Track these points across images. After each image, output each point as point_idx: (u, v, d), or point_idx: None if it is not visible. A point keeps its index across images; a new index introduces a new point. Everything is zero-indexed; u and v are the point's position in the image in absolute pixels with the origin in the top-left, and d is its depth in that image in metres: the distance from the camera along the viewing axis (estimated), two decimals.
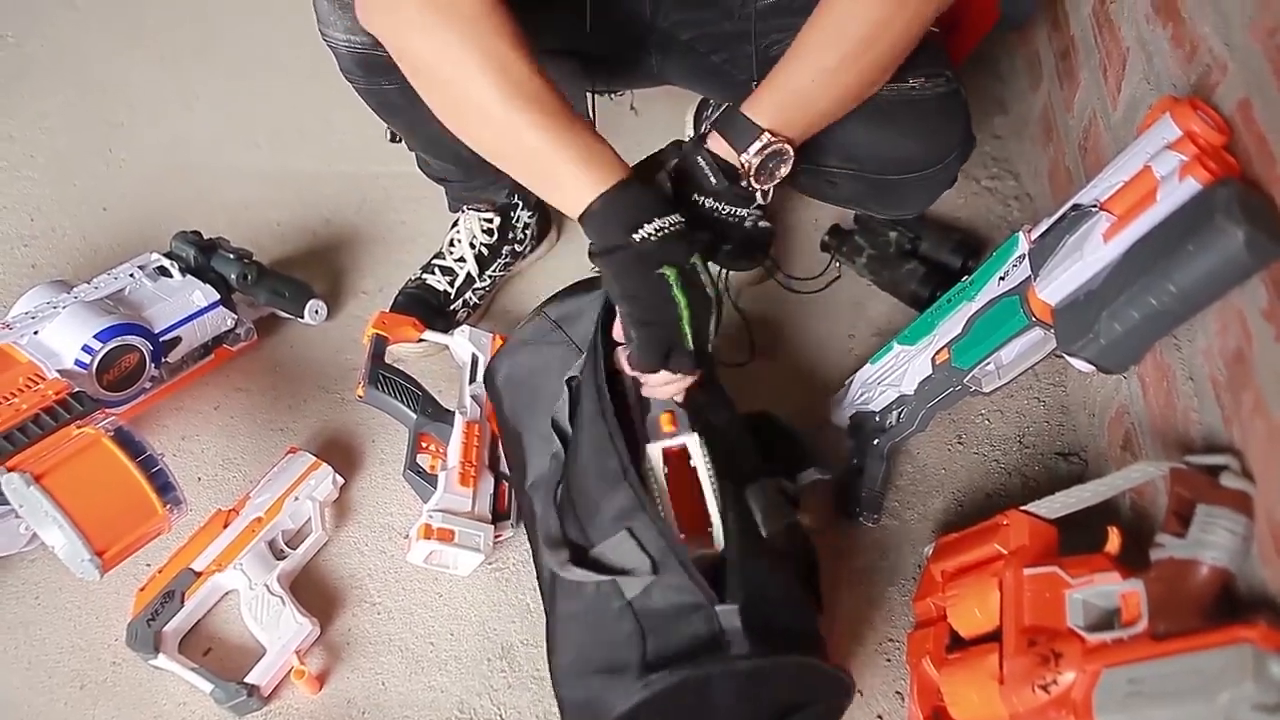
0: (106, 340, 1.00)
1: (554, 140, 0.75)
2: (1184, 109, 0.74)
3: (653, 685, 0.70)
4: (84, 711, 0.94)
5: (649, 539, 0.76)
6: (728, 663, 0.71)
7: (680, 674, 0.71)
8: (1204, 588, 0.67)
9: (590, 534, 0.80)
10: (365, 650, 0.97)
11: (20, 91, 1.65)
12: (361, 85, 0.99)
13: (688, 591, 0.74)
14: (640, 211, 0.75)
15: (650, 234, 0.74)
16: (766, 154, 0.81)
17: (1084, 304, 0.78)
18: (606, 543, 0.78)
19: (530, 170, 0.79)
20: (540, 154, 0.76)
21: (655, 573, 0.75)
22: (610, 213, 0.75)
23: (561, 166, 0.76)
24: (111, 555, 0.86)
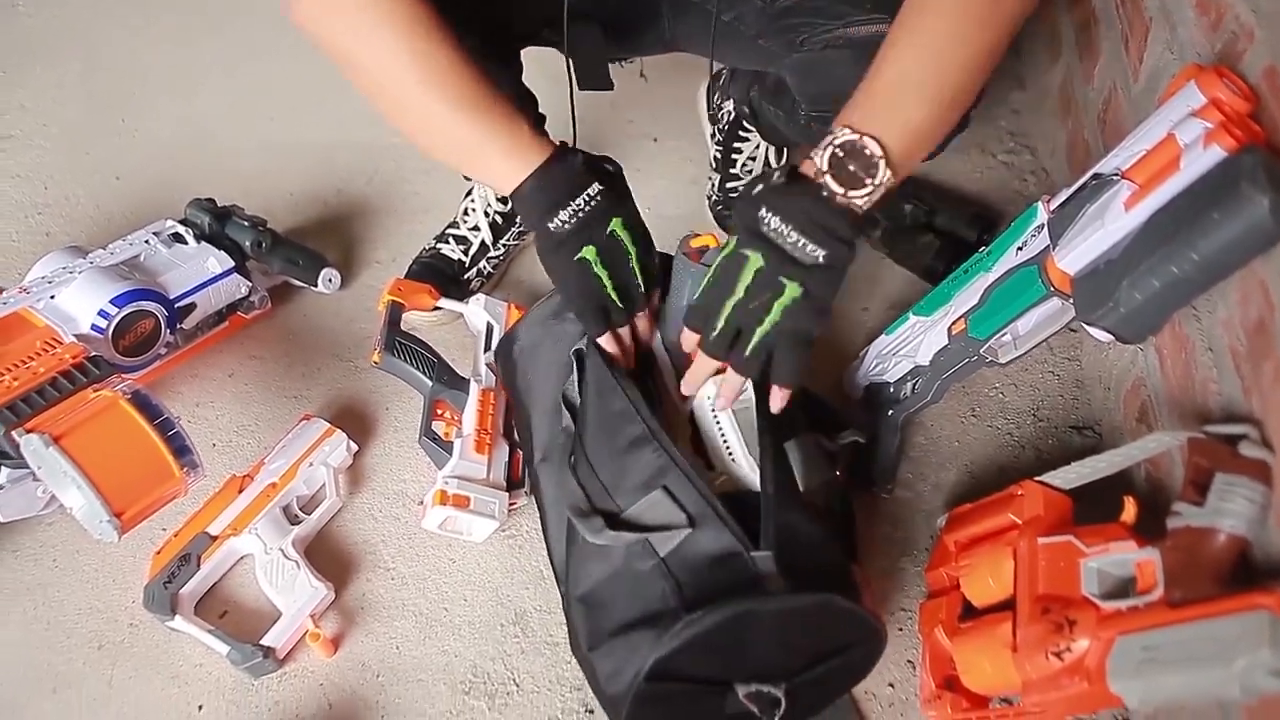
0: (122, 305, 1.00)
1: (477, 132, 0.77)
2: (1209, 76, 0.73)
3: (693, 625, 0.70)
4: (102, 672, 0.95)
5: (684, 494, 0.76)
6: (765, 600, 0.71)
7: (719, 612, 0.70)
8: (1221, 556, 0.67)
9: (618, 500, 0.80)
10: (379, 614, 0.98)
11: (33, 61, 1.65)
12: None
13: (724, 540, 0.74)
14: (557, 195, 0.78)
15: (565, 220, 0.78)
16: (837, 148, 0.71)
17: (1104, 273, 0.78)
18: (640, 504, 0.77)
19: (459, 159, 0.82)
20: (467, 147, 0.78)
21: (692, 526, 0.75)
22: (533, 198, 0.78)
23: (486, 158, 0.78)
24: (129, 517, 0.86)
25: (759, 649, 0.74)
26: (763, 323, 0.74)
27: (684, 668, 0.72)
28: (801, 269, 0.71)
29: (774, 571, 0.72)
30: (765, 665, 0.75)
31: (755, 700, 0.75)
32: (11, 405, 0.87)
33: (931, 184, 1.31)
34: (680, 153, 1.40)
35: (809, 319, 0.74)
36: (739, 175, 1.27)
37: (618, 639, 0.76)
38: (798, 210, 0.71)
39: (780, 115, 1.13)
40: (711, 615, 0.70)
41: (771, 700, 0.75)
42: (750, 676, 0.75)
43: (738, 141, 1.26)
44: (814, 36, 0.92)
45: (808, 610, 0.73)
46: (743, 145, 1.26)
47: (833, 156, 0.71)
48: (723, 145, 1.28)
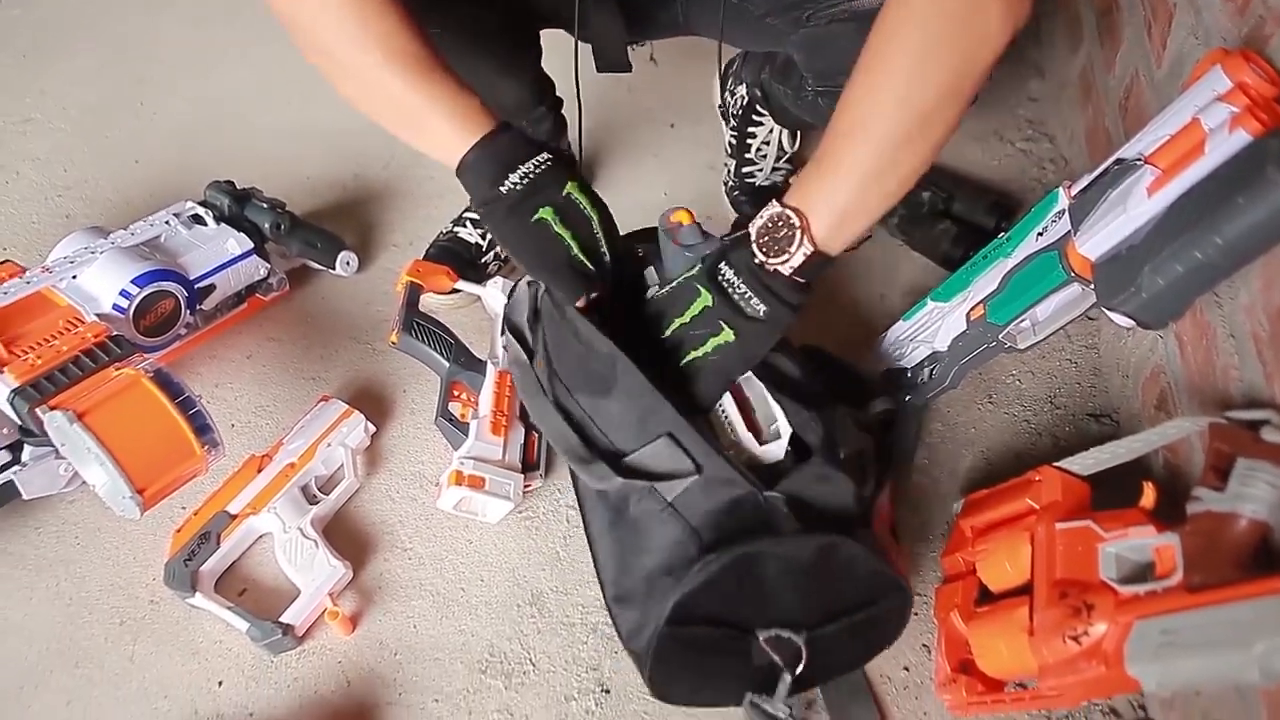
0: (143, 285, 1.01)
1: (420, 96, 0.76)
2: (1235, 60, 0.73)
3: (709, 565, 0.73)
4: (123, 647, 0.96)
5: (690, 441, 0.77)
6: (777, 540, 0.74)
7: (731, 551, 0.73)
8: (1242, 541, 0.67)
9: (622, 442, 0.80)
10: (397, 594, 0.98)
11: (53, 46, 1.66)
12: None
13: (733, 483, 0.76)
14: (505, 161, 0.77)
15: (516, 182, 0.76)
16: (768, 218, 0.76)
17: (1125, 258, 0.77)
18: (643, 450, 0.78)
19: (403, 127, 0.80)
20: (409, 111, 0.77)
21: (699, 472, 0.76)
22: (479, 167, 0.77)
23: (430, 122, 0.77)
24: (151, 494, 0.87)
25: (778, 597, 0.76)
26: (697, 350, 0.79)
27: (706, 610, 0.75)
28: (742, 318, 0.77)
29: (785, 512, 0.74)
30: (786, 613, 0.77)
31: (776, 647, 0.77)
32: (35, 383, 0.88)
33: (949, 171, 1.30)
34: (696, 139, 1.40)
35: (735, 362, 0.80)
36: (754, 160, 1.27)
37: (637, 588, 0.78)
38: (745, 266, 0.77)
39: (789, 94, 1.13)
40: (725, 555, 0.73)
41: (792, 648, 0.77)
42: (771, 623, 0.77)
43: (752, 126, 1.26)
44: (820, 11, 0.93)
45: (818, 554, 0.75)
46: (756, 130, 1.25)
47: (763, 225, 0.76)
48: (737, 131, 1.27)
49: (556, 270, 0.79)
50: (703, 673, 0.82)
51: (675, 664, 0.79)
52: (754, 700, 0.80)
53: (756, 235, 0.77)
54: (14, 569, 1.02)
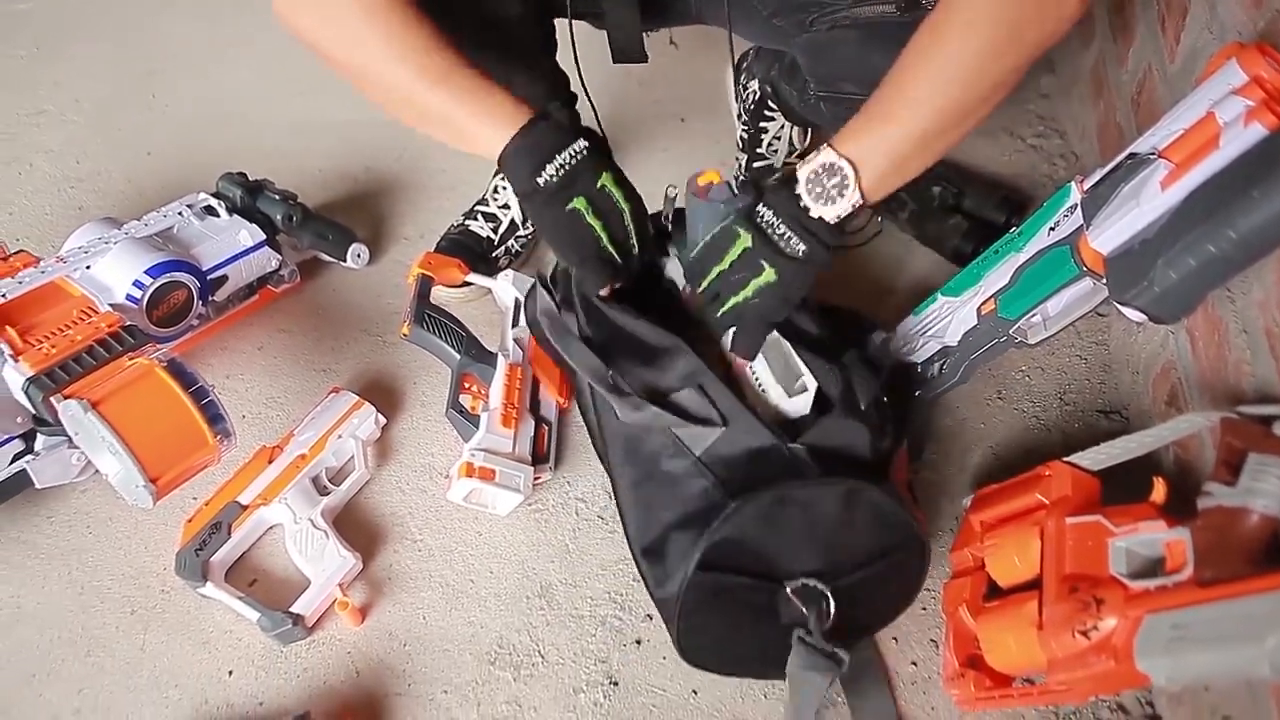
0: (157, 276, 1.01)
1: (454, 105, 0.78)
2: (1251, 54, 0.72)
3: (737, 510, 0.76)
4: (135, 636, 0.96)
5: (718, 394, 0.81)
6: (802, 484, 0.77)
7: (759, 496, 0.76)
8: (1253, 535, 0.66)
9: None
10: (406, 585, 0.99)
11: (65, 38, 1.67)
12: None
13: (758, 435, 0.79)
14: (543, 152, 0.78)
15: (553, 174, 0.78)
16: (818, 165, 0.77)
17: (1138, 253, 0.77)
18: (676, 395, 0.82)
19: (445, 134, 0.82)
20: (446, 119, 0.80)
21: (725, 425, 0.79)
22: (518, 159, 0.79)
23: (468, 126, 0.79)
24: (164, 483, 0.87)
25: (802, 546, 0.79)
26: (737, 295, 0.81)
27: (734, 557, 0.78)
28: (782, 258, 0.79)
29: (808, 460, 0.77)
30: (811, 562, 0.80)
31: (803, 596, 0.79)
32: (49, 372, 0.89)
33: (960, 166, 1.30)
34: (707, 132, 1.40)
35: (777, 303, 0.81)
36: (765, 155, 1.27)
37: (665, 540, 0.81)
38: (784, 207, 0.79)
39: (794, 94, 1.14)
40: (753, 498, 0.76)
41: (818, 594, 0.79)
42: (797, 573, 0.80)
43: (763, 121, 1.26)
44: (823, 17, 0.93)
45: (844, 500, 0.78)
46: (768, 125, 1.25)
47: (812, 172, 0.77)
48: (749, 125, 1.27)
49: (585, 259, 0.83)
50: (731, 627, 0.83)
51: (704, 615, 0.80)
52: (800, 635, 0.80)
53: (806, 181, 0.77)
54: (26, 557, 1.03)
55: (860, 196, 0.76)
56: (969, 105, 0.75)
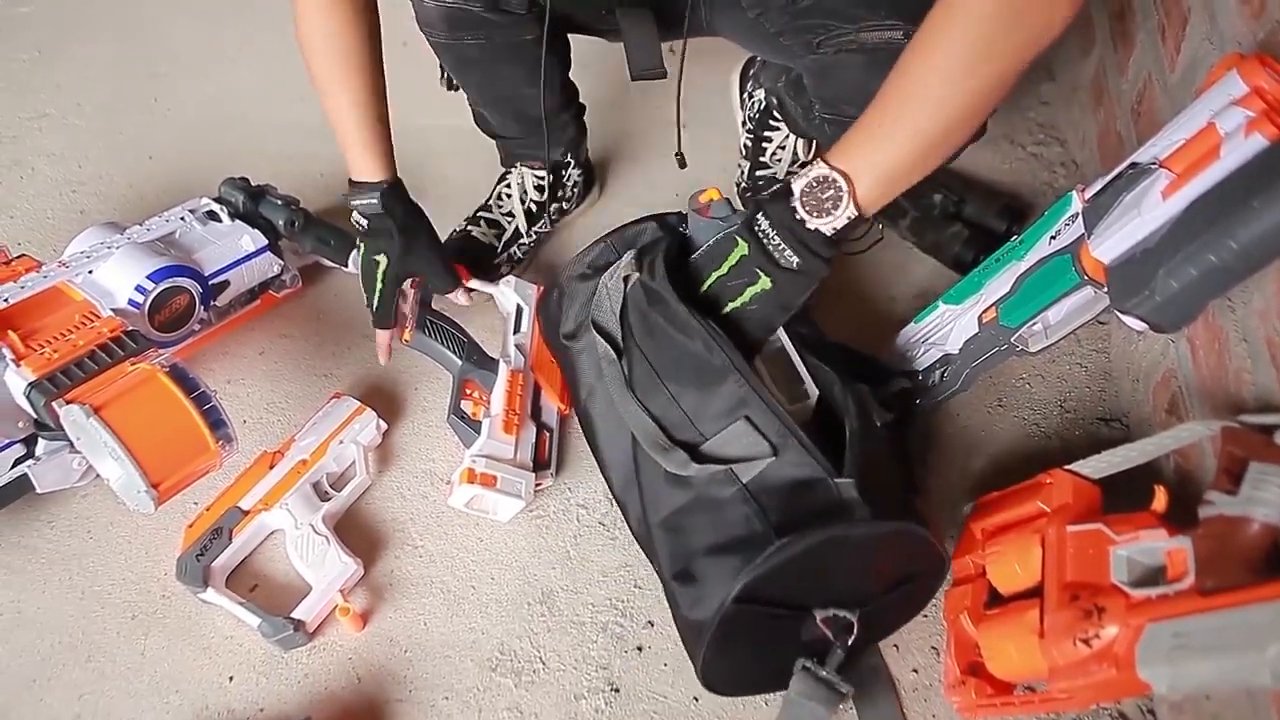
0: (159, 281, 1.01)
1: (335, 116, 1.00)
2: (1252, 64, 0.73)
3: (785, 549, 0.74)
4: (135, 641, 0.96)
5: (766, 424, 0.80)
6: (854, 525, 0.75)
7: (811, 537, 0.74)
8: (1254, 544, 0.67)
9: (701, 428, 0.83)
10: (407, 591, 0.99)
11: (67, 41, 1.67)
12: (442, 40, 1.01)
13: (807, 467, 0.78)
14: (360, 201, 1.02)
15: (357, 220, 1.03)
16: (813, 178, 0.77)
17: (1139, 261, 0.78)
18: (721, 435, 0.81)
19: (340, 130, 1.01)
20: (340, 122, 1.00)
21: (775, 455, 0.79)
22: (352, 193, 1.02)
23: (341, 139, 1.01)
24: (166, 488, 0.87)
25: (841, 575, 0.79)
26: (735, 300, 0.83)
27: (770, 591, 0.77)
28: (776, 269, 0.81)
29: (857, 498, 0.76)
30: (843, 591, 0.80)
31: (831, 625, 0.79)
32: (51, 376, 0.89)
33: (960, 174, 1.30)
34: (708, 141, 1.40)
35: (773, 310, 0.83)
36: (768, 164, 1.28)
37: (701, 564, 0.80)
38: (780, 219, 0.80)
39: (800, 110, 1.14)
40: (804, 540, 0.74)
41: (846, 624, 0.79)
42: (829, 602, 0.79)
43: (768, 130, 1.26)
44: (829, 39, 0.93)
45: (889, 537, 0.78)
46: (773, 134, 1.26)
47: (807, 185, 0.78)
48: (753, 134, 1.28)
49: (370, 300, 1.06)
50: (752, 652, 0.82)
51: (733, 643, 0.80)
52: (806, 665, 0.80)
53: (800, 194, 0.78)
54: (27, 562, 1.03)
55: (855, 209, 0.77)
56: (960, 118, 0.75)
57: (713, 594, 0.77)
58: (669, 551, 0.85)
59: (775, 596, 0.77)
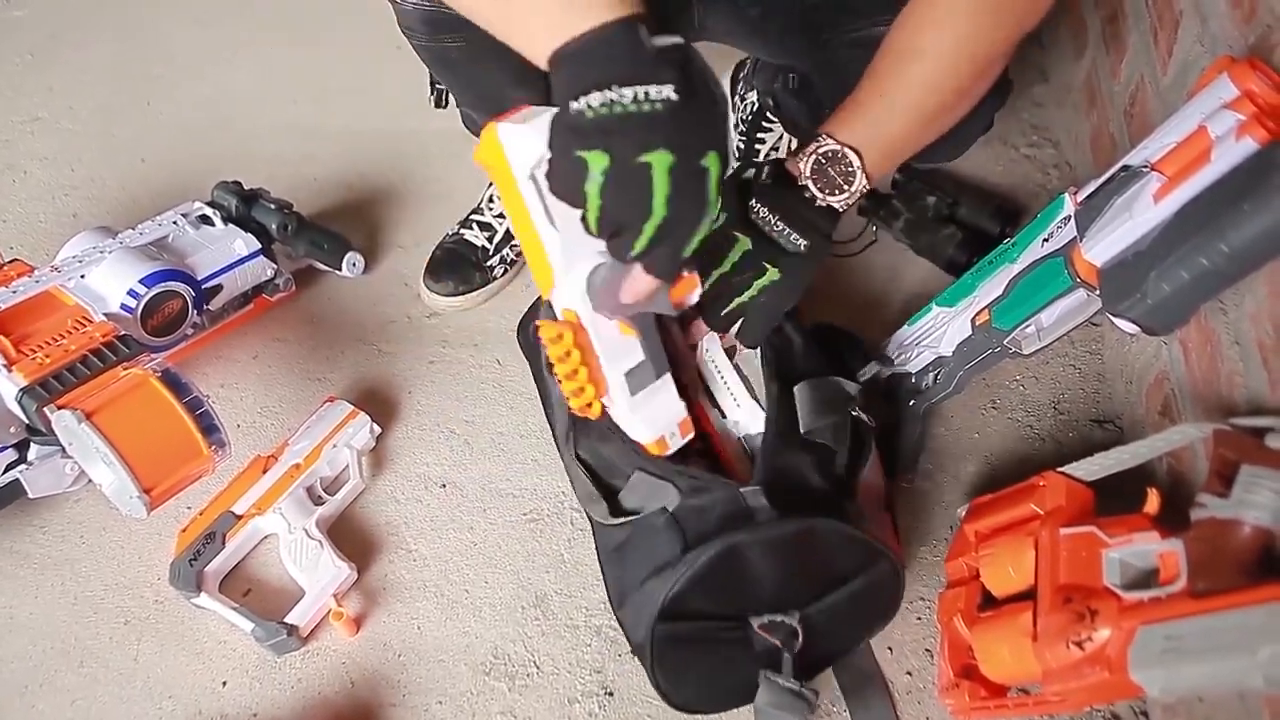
0: (151, 285, 1.01)
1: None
2: (1242, 68, 0.73)
3: (689, 563, 0.75)
4: (128, 647, 0.96)
5: (658, 467, 0.80)
6: (752, 529, 0.76)
7: (710, 547, 0.75)
8: (1246, 547, 0.67)
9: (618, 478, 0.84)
10: (401, 595, 0.99)
11: (60, 44, 1.66)
12: (423, 42, 1.00)
13: (716, 485, 0.79)
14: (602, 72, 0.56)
15: (589, 106, 0.55)
16: (821, 155, 0.77)
17: (1131, 264, 0.78)
18: (626, 487, 0.82)
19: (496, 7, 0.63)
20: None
21: (680, 490, 0.79)
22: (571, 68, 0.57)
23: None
24: (158, 493, 0.87)
25: (764, 581, 0.78)
26: (741, 295, 0.81)
27: (695, 605, 0.77)
28: (783, 255, 0.79)
29: (764, 504, 0.76)
30: (775, 597, 0.79)
31: (772, 631, 0.79)
32: (43, 382, 0.89)
33: (954, 176, 1.31)
34: None
35: (783, 297, 0.81)
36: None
37: (637, 592, 0.80)
38: (782, 204, 0.78)
39: (804, 110, 1.13)
40: (705, 550, 0.75)
41: (788, 630, 0.79)
42: (763, 608, 0.80)
43: (761, 132, 1.26)
44: (838, 35, 0.93)
45: (797, 536, 0.77)
46: (766, 136, 1.26)
47: (816, 163, 0.78)
48: (746, 136, 1.28)
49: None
50: (708, 667, 0.83)
51: (677, 661, 0.80)
52: (767, 675, 0.80)
53: (810, 172, 0.78)
54: (19, 568, 1.02)
55: (866, 181, 0.77)
56: (963, 83, 0.76)
57: (644, 617, 0.79)
58: (612, 582, 0.86)
59: (704, 610, 0.78)
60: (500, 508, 1.04)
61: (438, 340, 1.20)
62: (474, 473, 1.07)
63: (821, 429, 0.83)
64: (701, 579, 0.76)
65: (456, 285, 1.20)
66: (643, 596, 0.79)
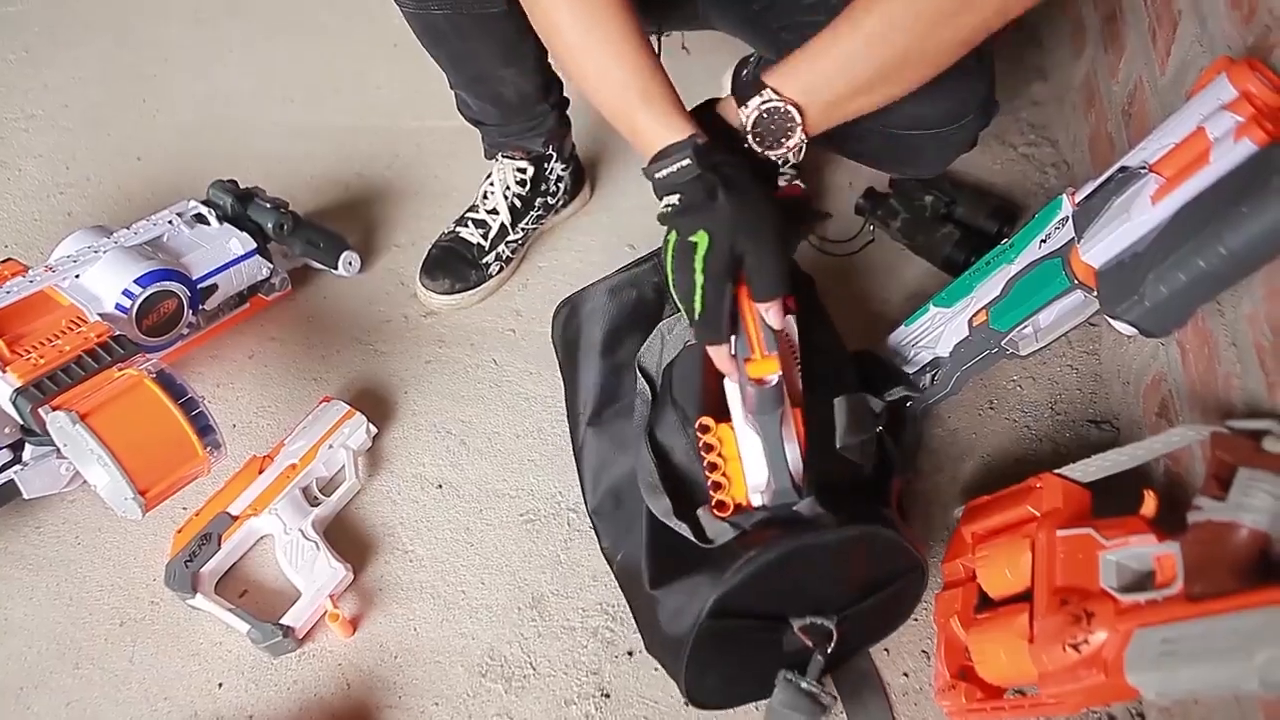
0: (146, 285, 1.01)
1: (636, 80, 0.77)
2: (1241, 69, 0.73)
3: (752, 561, 0.75)
4: (124, 648, 0.96)
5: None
6: (819, 534, 0.77)
7: (777, 548, 0.76)
8: (1242, 551, 0.66)
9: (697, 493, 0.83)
10: (397, 596, 0.98)
11: (56, 41, 1.66)
12: (411, 9, 0.98)
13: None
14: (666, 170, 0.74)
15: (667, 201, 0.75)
16: (763, 110, 0.77)
17: (1129, 266, 0.77)
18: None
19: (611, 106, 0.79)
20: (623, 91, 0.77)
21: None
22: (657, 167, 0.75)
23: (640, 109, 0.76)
24: (154, 495, 0.87)
25: (813, 584, 0.79)
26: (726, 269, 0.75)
27: (743, 604, 0.77)
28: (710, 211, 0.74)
29: (820, 511, 0.77)
30: (819, 599, 0.80)
31: (809, 633, 0.80)
32: (38, 383, 0.88)
33: (952, 175, 1.30)
34: None
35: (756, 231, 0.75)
36: None
37: (679, 581, 0.80)
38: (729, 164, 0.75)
39: None
40: (769, 551, 0.75)
41: (824, 632, 0.80)
42: (804, 610, 0.80)
43: None
44: None
45: (856, 542, 0.78)
46: None
47: (758, 117, 0.77)
48: None
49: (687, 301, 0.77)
50: (734, 666, 0.83)
51: (708, 658, 0.80)
52: (787, 677, 0.81)
53: (752, 125, 0.78)
54: (14, 568, 1.02)
55: (805, 136, 0.77)
56: (916, 57, 0.76)
57: (689, 610, 0.78)
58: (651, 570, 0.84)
59: (750, 609, 0.78)
60: (497, 508, 1.04)
61: (434, 339, 1.19)
62: (470, 473, 1.07)
63: (853, 446, 0.84)
64: (759, 579, 0.76)
65: (453, 284, 1.20)
66: (687, 588, 0.79)
